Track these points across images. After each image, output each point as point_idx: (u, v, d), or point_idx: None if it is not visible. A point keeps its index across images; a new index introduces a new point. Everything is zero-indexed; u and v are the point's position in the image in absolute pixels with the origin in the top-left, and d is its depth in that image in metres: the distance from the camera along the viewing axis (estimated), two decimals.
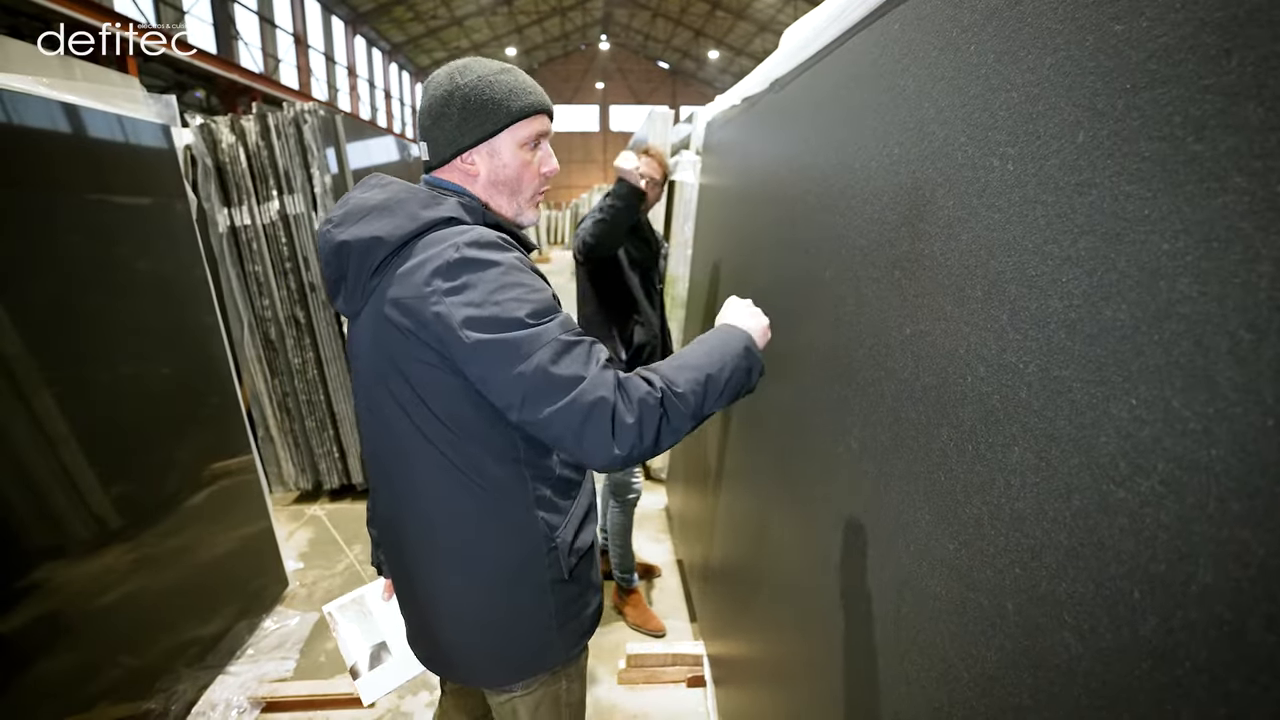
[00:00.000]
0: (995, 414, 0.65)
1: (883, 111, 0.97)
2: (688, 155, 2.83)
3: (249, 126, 2.92)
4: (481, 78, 0.94)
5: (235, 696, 1.92)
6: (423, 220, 0.89)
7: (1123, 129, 0.51)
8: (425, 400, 0.90)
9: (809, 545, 1.17)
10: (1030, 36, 0.63)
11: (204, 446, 2.20)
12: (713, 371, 0.89)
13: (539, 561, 0.98)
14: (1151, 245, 0.48)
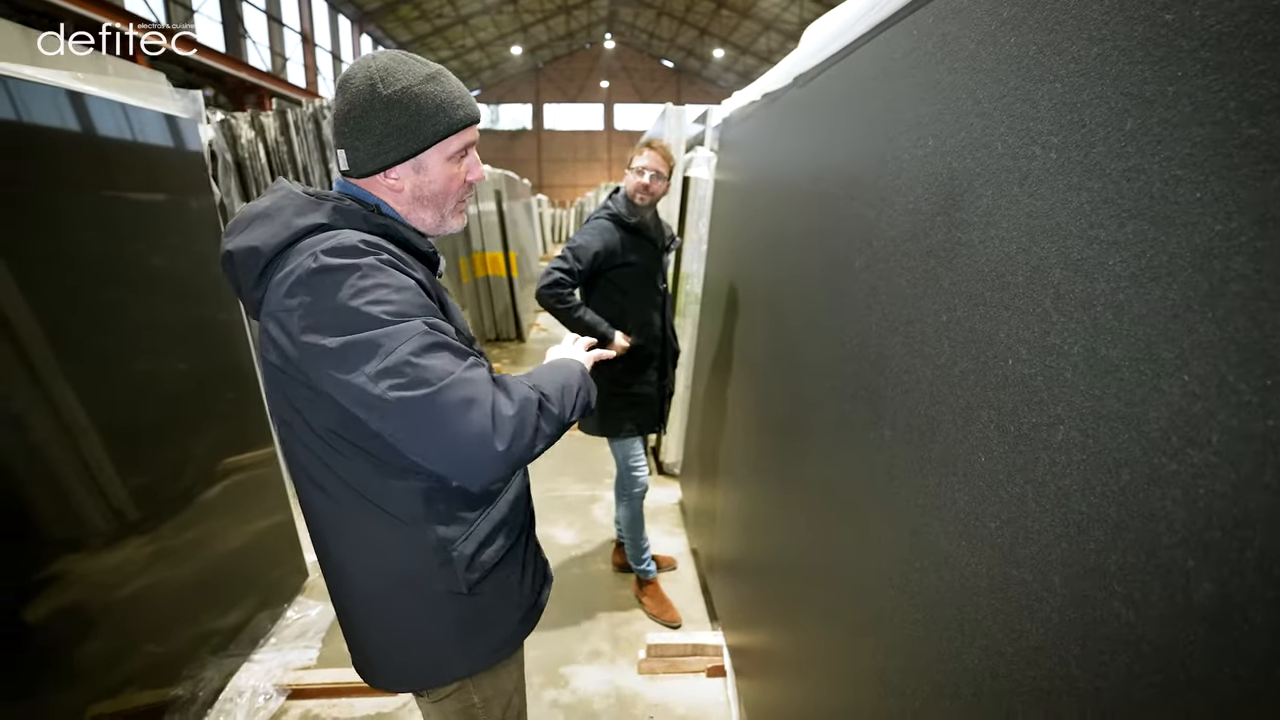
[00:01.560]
0: (1039, 395, 0.67)
1: (917, 104, 0.98)
2: (702, 152, 2.85)
3: (268, 122, 2.95)
4: (408, 89, 0.88)
5: (261, 683, 1.95)
6: (295, 228, 0.85)
7: (1173, 115, 0.53)
8: (304, 414, 0.88)
9: (839, 532, 1.19)
10: (1074, 28, 0.65)
11: (227, 439, 2.23)
12: (566, 383, 0.93)
13: (431, 574, 0.94)
14: (1204, 227, 0.49)
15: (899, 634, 0.93)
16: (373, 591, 0.95)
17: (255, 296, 0.87)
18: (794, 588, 1.45)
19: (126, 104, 1.87)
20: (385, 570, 0.93)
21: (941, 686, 0.81)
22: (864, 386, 1.10)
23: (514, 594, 1.04)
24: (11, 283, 1.45)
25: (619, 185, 2.20)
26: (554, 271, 2.00)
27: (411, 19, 21.51)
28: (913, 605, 0.90)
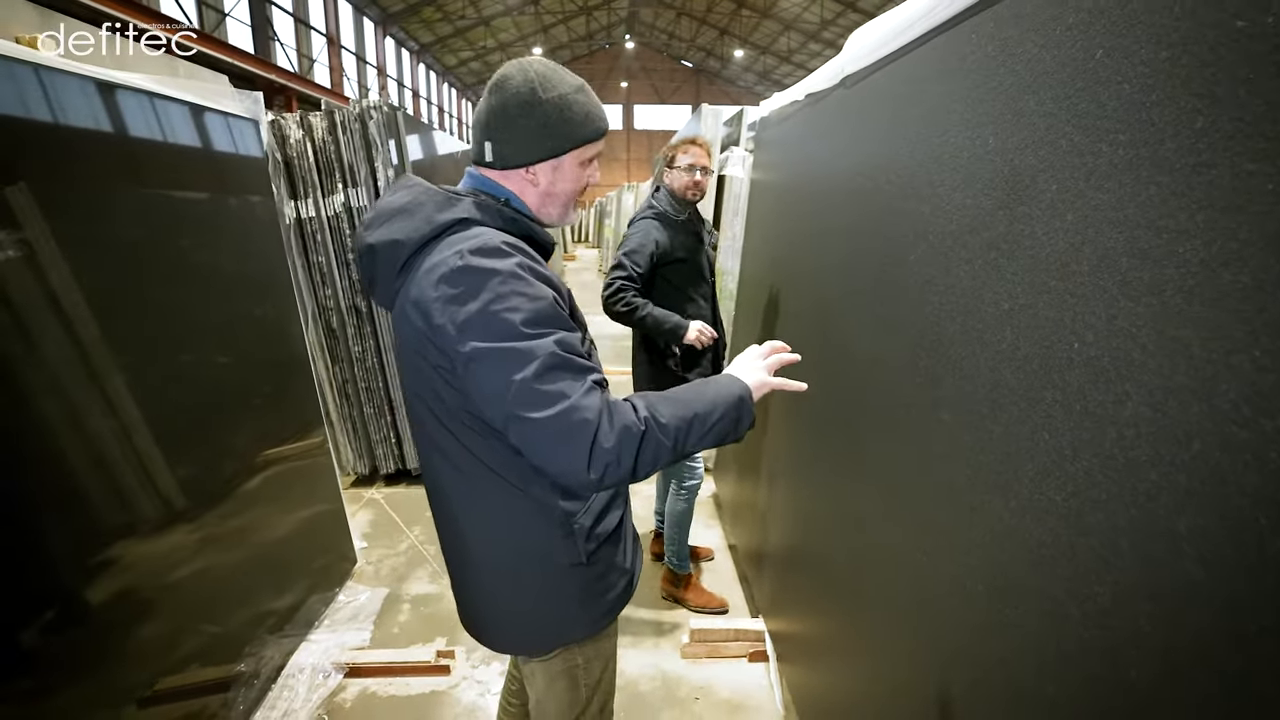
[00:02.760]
0: (1106, 374, 0.72)
1: (975, 104, 1.03)
2: (738, 152, 2.90)
3: (316, 122, 3.05)
4: (564, 96, 0.98)
5: (320, 661, 2.04)
6: (438, 223, 0.93)
7: (1244, 114, 0.58)
8: (443, 395, 0.95)
9: (892, 517, 1.24)
10: (1143, 34, 0.70)
11: (284, 428, 2.32)
12: (700, 411, 0.92)
13: (558, 545, 1.02)
14: (1276, 215, 0.54)
15: (958, 608, 0.98)
16: (502, 562, 1.03)
17: (395, 286, 0.96)
18: (842, 574, 1.50)
19: (199, 105, 1.96)
20: (515, 543, 1.01)
21: (1004, 656, 0.86)
22: (920, 374, 1.15)
23: (621, 562, 1.13)
24: (89, 282, 1.50)
25: (658, 185, 2.24)
26: (614, 282, 2.02)
27: (434, 20, 21.74)
28: (973, 579, 0.95)
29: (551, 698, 1.12)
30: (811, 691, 1.69)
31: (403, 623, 2.31)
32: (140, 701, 1.60)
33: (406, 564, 2.70)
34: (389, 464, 3.43)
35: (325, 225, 3.14)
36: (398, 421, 3.38)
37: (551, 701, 1.13)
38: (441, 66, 26.16)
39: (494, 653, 2.10)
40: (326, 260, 3.18)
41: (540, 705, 1.15)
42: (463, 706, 1.92)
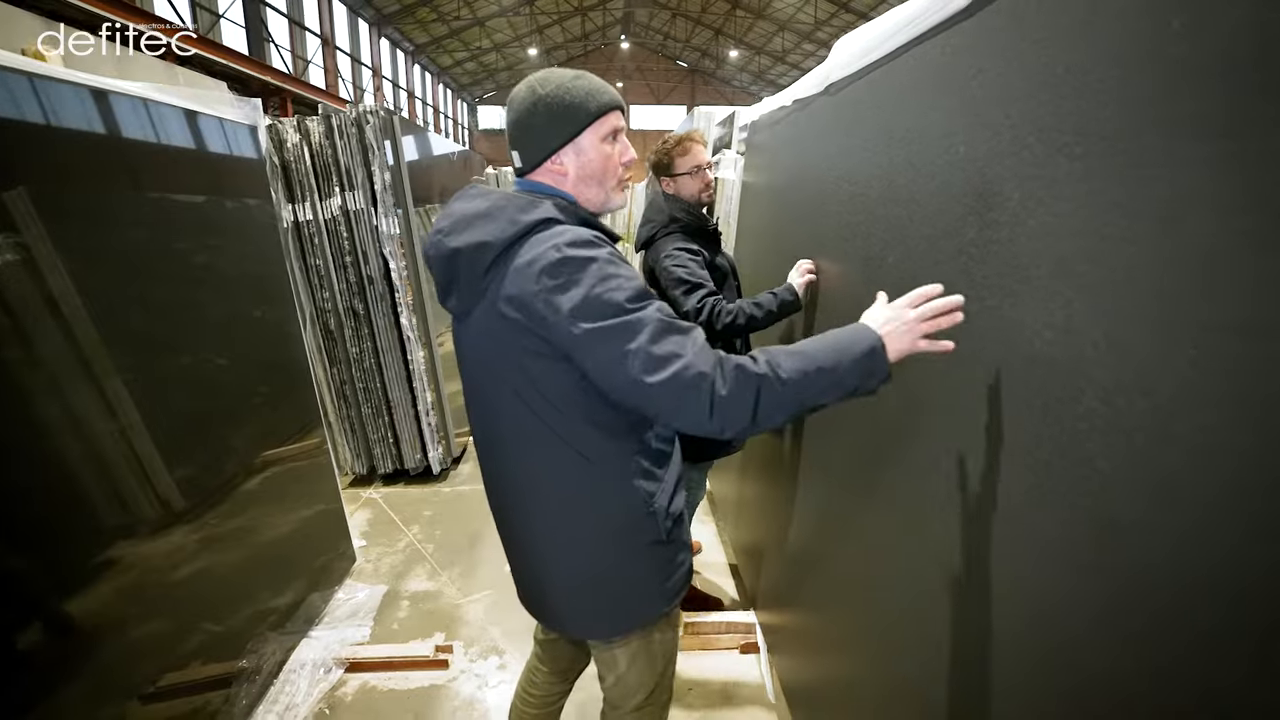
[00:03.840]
0: (1062, 371, 0.77)
1: (950, 115, 1.08)
2: (729, 154, 2.95)
3: (313, 127, 3.08)
4: (560, 85, 1.04)
5: (320, 656, 2.08)
6: (523, 224, 0.97)
7: (1180, 131, 0.63)
8: (537, 385, 1.00)
9: (875, 510, 1.29)
10: (1099, 53, 0.74)
11: (283, 429, 2.36)
12: (825, 365, 0.91)
13: (640, 525, 1.08)
14: (1208, 223, 0.59)
15: (940, 601, 1.02)
16: (592, 548, 1.08)
17: (481, 286, 1.00)
18: (832, 568, 1.54)
19: (198, 111, 2.00)
20: (604, 526, 1.07)
21: (983, 648, 0.91)
22: (899, 372, 1.20)
23: (688, 540, 1.21)
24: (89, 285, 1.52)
25: (659, 190, 2.06)
26: (703, 306, 1.76)
27: (428, 21, 21.74)
28: (952, 572, 0.99)
29: (633, 673, 1.19)
30: (802, 681, 1.74)
31: (402, 619, 2.36)
32: (143, 697, 1.64)
33: (405, 562, 2.74)
34: (387, 464, 3.47)
35: (323, 228, 3.18)
36: (395, 422, 3.42)
37: (633, 674, 1.19)
38: (437, 67, 26.16)
39: (490, 647, 2.17)
40: (324, 263, 3.22)
41: (621, 681, 1.21)
42: (461, 699, 1.96)
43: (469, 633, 2.26)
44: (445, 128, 27.92)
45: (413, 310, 3.34)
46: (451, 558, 2.77)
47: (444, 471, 3.59)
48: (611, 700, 1.24)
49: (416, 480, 3.52)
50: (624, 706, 1.23)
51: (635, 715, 1.23)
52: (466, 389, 1.14)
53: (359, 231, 3.18)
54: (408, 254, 3.36)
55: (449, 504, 3.29)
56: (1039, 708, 0.78)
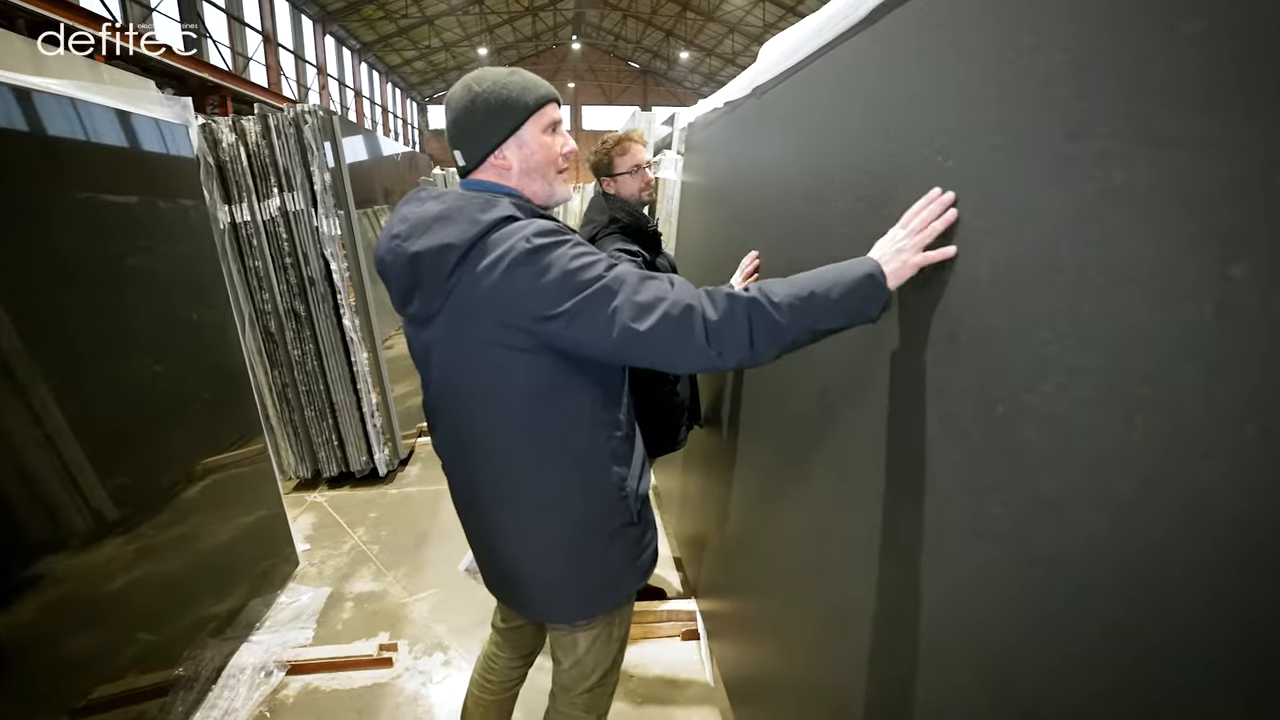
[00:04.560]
0: (965, 361, 0.83)
1: (851, 118, 1.15)
2: (670, 155, 3.01)
3: (249, 126, 3.03)
4: (496, 81, 1.06)
5: (261, 660, 2.06)
6: (484, 223, 0.98)
7: (1017, 141, 0.71)
8: (511, 381, 1.02)
9: (811, 501, 1.34)
10: (973, 73, 0.82)
11: (222, 434, 2.31)
12: (818, 290, 0.92)
13: (614, 509, 1.13)
14: (1050, 217, 0.67)
15: (868, 591, 1.04)
16: (568, 535, 1.11)
17: (445, 288, 1.00)
18: (767, 558, 1.60)
19: (126, 111, 1.96)
20: (578, 513, 1.10)
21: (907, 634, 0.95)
22: (822, 367, 1.26)
23: (653, 520, 1.25)
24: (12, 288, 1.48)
25: (599, 190, 2.08)
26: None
27: (375, 19, 21.31)
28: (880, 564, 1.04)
29: (591, 657, 1.23)
30: (738, 665, 1.80)
31: (346, 620, 2.34)
32: (74, 712, 1.59)
33: (350, 564, 2.72)
34: (331, 467, 3.43)
35: (261, 229, 3.12)
36: (340, 424, 3.38)
37: (591, 658, 1.23)
38: (385, 66, 25.66)
39: (436, 644, 2.18)
40: (263, 264, 3.16)
41: (579, 664, 1.24)
42: (405, 696, 1.97)
43: (414, 631, 2.27)
44: (394, 127, 27.40)
45: (356, 312, 3.31)
46: (397, 558, 2.76)
47: (391, 473, 3.56)
48: (564, 684, 1.27)
49: (363, 483, 3.49)
50: (575, 689, 1.25)
51: (587, 697, 1.26)
52: (431, 393, 1.14)
53: (299, 233, 3.13)
54: (350, 255, 3.33)
55: (396, 505, 3.27)
56: (958, 683, 0.81)
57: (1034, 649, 0.67)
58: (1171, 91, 0.53)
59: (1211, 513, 0.49)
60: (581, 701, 1.27)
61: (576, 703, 1.27)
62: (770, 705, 1.52)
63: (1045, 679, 0.65)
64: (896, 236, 0.91)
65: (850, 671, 1.10)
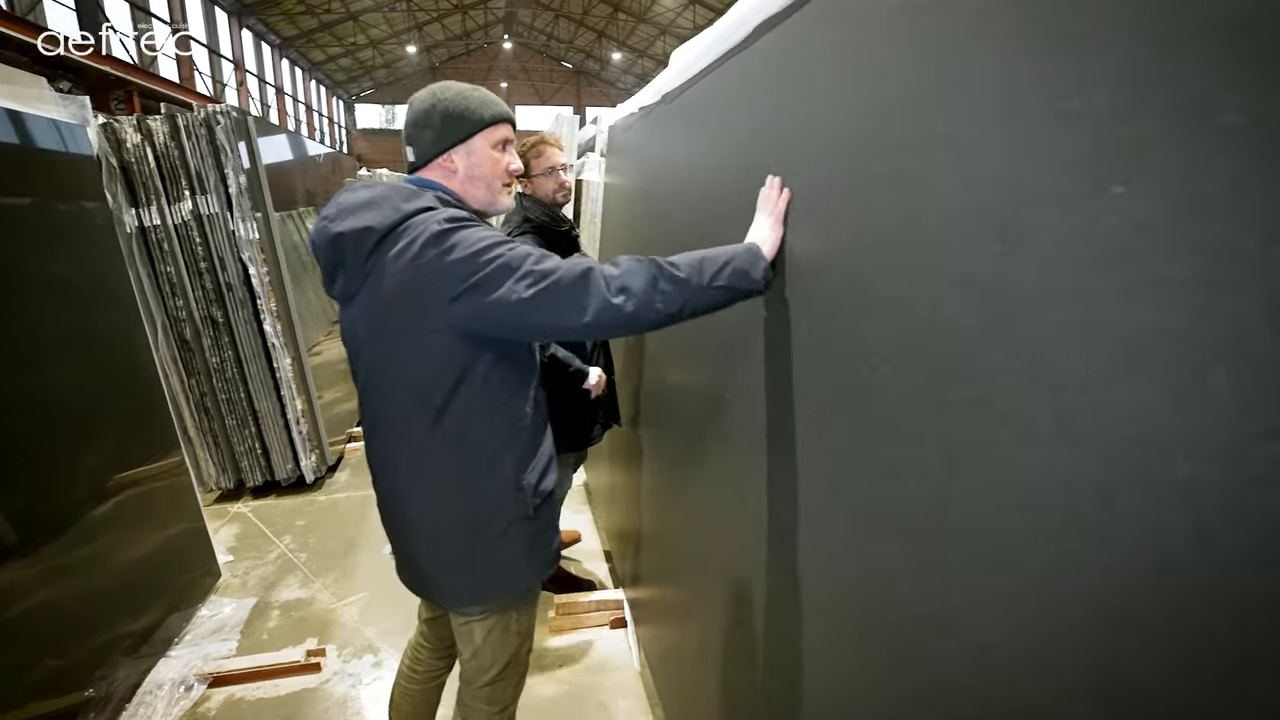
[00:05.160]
0: (860, 356, 0.93)
1: (741, 124, 1.25)
2: (593, 157, 3.08)
3: (156, 126, 2.92)
4: (460, 93, 1.17)
5: (181, 675, 2.01)
6: (405, 211, 1.06)
7: (857, 148, 0.80)
8: (415, 365, 1.08)
9: (722, 493, 1.40)
10: (857, 75, 0.91)
11: (133, 447, 2.23)
12: (709, 255, 1.02)
13: (509, 502, 1.17)
14: (880, 209, 0.77)
15: (776, 577, 1.09)
16: (464, 521, 1.16)
17: (363, 270, 1.07)
18: (684, 547, 1.68)
19: (13, 110, 1.88)
20: (474, 500, 1.15)
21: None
22: (733, 365, 1.34)
23: (555, 524, 1.30)
24: None
25: (520, 194, 2.13)
26: None
27: (296, 13, 20.52)
28: (761, 539, 1.13)
29: (488, 649, 1.26)
30: (660, 648, 1.88)
31: (272, 629, 2.31)
32: None
33: (276, 572, 2.67)
34: (256, 476, 3.34)
35: (173, 233, 3.01)
36: (263, 432, 3.29)
37: (488, 650, 1.27)
38: (308, 62, 24.74)
39: (366, 646, 2.18)
40: (176, 270, 3.06)
41: (477, 656, 1.27)
42: (335, 700, 1.96)
43: (343, 635, 2.26)
44: (320, 126, 26.45)
45: (277, 317, 3.24)
46: (326, 564, 2.73)
47: (319, 480, 3.49)
48: (467, 676, 1.31)
49: (289, 491, 3.41)
50: (477, 682, 1.29)
51: (488, 690, 1.30)
52: (357, 375, 1.19)
53: (214, 237, 3.04)
54: (270, 259, 3.25)
55: (324, 512, 3.22)
56: (860, 659, 0.83)
57: (898, 609, 0.75)
58: (969, 102, 0.63)
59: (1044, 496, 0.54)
60: (484, 694, 1.30)
61: (479, 695, 1.30)
62: (687, 683, 1.60)
63: (904, 632, 0.74)
64: (759, 222, 1.06)
65: (748, 645, 1.20)
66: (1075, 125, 0.50)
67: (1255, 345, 0.39)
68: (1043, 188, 0.54)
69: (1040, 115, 0.54)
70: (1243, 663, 0.40)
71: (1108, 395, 0.48)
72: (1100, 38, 0.49)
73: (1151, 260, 0.45)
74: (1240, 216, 0.40)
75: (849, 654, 0.85)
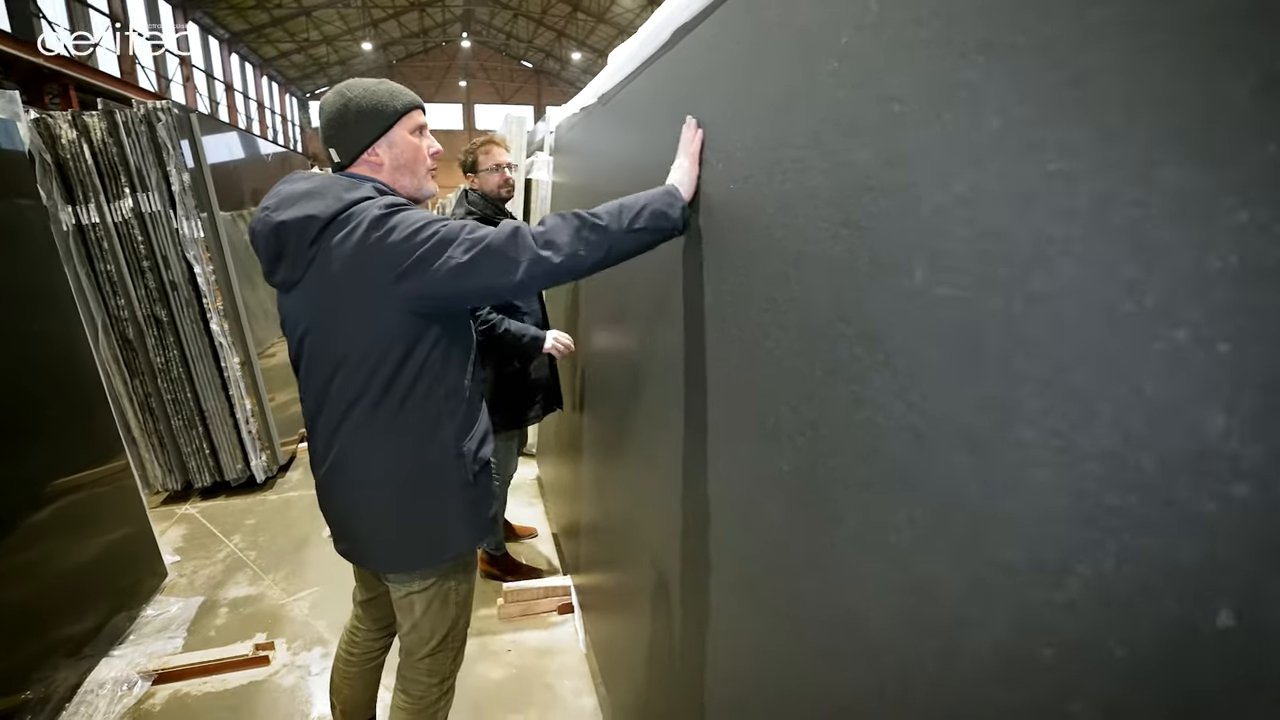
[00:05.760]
0: (759, 353, 1.01)
1: (668, 122, 1.32)
2: (542, 156, 3.13)
3: (93, 123, 2.88)
4: (366, 89, 1.21)
5: (124, 673, 2.00)
6: (346, 200, 1.12)
7: (748, 143, 0.88)
8: (359, 340, 1.14)
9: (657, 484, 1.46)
10: (769, 80, 1.00)
11: (73, 450, 2.20)
12: (626, 202, 1.10)
13: (449, 467, 1.23)
14: (798, 208, 0.85)
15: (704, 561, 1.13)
16: (407, 486, 1.21)
17: (307, 256, 1.12)
18: (625, 534, 1.74)
19: None
20: (418, 468, 1.21)
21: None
22: (662, 364, 1.42)
23: (493, 492, 1.35)
24: None
25: (465, 187, 2.31)
26: None
27: (245, 7, 19.98)
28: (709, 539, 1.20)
29: (427, 619, 1.31)
30: (602, 629, 1.95)
31: (220, 626, 2.31)
32: None
33: (224, 571, 2.66)
34: (204, 477, 3.31)
35: (113, 231, 2.97)
36: (211, 432, 3.26)
37: (427, 621, 1.31)
38: (259, 58, 24.11)
39: (315, 639, 2.20)
40: (116, 268, 3.01)
41: (416, 628, 1.32)
42: (283, 690, 1.98)
43: (293, 629, 2.27)
44: (272, 124, 25.81)
45: (224, 316, 3.21)
46: (276, 562, 2.72)
47: (270, 480, 3.47)
48: (407, 648, 1.36)
49: (239, 491, 3.39)
50: (417, 653, 1.34)
51: (428, 662, 1.34)
52: (299, 360, 1.23)
53: (157, 235, 3.01)
54: (215, 258, 3.22)
55: (275, 512, 3.21)
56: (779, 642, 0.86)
57: (803, 580, 0.83)
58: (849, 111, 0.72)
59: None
60: (424, 665, 1.35)
61: (419, 666, 1.35)
62: (624, 661, 1.68)
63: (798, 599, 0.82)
64: (679, 160, 1.12)
65: (671, 620, 1.27)
66: (900, 126, 0.59)
67: (1077, 332, 0.48)
68: (877, 180, 0.62)
69: (874, 121, 0.62)
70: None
71: (927, 363, 0.57)
72: (913, 52, 0.57)
73: (962, 241, 0.53)
74: (1039, 204, 0.49)
75: (760, 622, 0.92)
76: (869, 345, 0.64)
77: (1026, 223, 0.46)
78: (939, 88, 0.54)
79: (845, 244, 0.68)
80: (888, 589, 0.61)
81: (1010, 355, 0.47)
